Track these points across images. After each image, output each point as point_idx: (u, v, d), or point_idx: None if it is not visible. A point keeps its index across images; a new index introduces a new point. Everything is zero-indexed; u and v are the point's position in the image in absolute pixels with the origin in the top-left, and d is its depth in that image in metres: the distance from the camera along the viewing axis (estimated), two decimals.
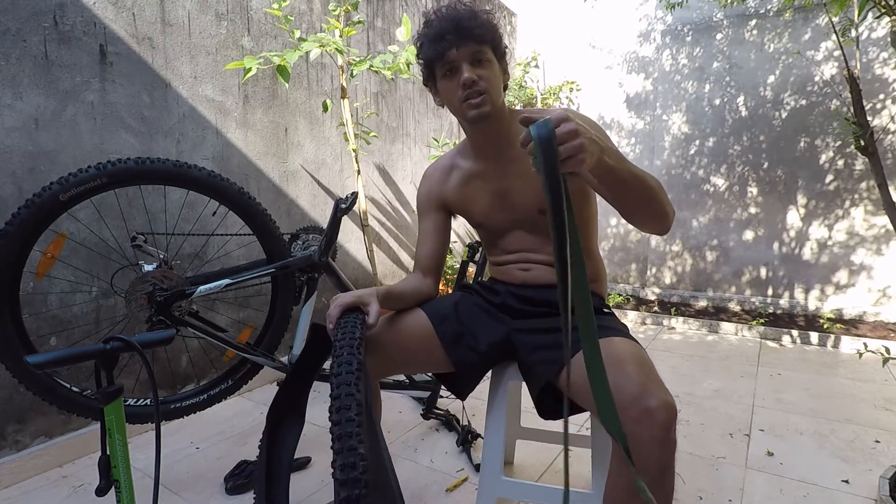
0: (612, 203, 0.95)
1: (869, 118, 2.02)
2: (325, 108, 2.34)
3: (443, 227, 1.26)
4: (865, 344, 1.67)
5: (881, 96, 3.11)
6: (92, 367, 0.82)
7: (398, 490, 0.74)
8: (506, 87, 1.13)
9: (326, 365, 1.83)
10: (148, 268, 1.45)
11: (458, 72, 1.05)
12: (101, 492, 0.82)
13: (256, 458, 1.11)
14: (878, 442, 1.81)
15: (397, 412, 2.05)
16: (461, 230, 3.85)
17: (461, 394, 1.17)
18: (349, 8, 2.25)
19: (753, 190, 3.56)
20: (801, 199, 3.41)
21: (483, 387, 1.23)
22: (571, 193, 1.12)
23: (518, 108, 1.20)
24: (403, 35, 2.23)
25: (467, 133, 1.17)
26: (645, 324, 3.47)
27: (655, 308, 3.74)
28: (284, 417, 1.12)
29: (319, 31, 2.51)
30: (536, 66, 4.20)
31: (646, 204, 0.91)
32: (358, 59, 2.20)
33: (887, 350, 1.50)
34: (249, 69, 1.90)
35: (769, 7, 3.40)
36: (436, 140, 3.20)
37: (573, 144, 0.68)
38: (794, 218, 3.44)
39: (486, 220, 1.21)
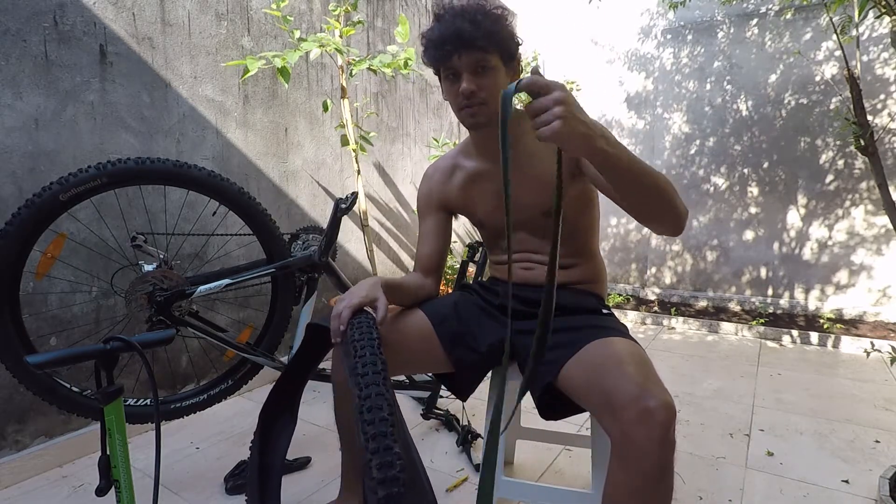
0: (621, 203, 0.92)
1: (869, 118, 2.02)
2: (325, 108, 2.34)
3: (443, 227, 1.26)
4: (872, 343, 1.66)
5: (881, 96, 3.11)
6: (92, 367, 0.82)
7: (429, 485, 0.74)
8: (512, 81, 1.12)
9: (326, 365, 1.83)
10: (148, 268, 1.45)
11: (459, 78, 1.04)
12: (101, 492, 0.82)
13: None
14: (878, 442, 1.81)
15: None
16: (461, 230, 3.85)
17: (461, 394, 1.17)
18: (349, 8, 2.25)
19: (754, 190, 3.56)
20: (802, 199, 3.41)
21: (483, 387, 1.23)
22: (575, 198, 1.12)
23: (519, 107, 1.19)
24: (402, 36, 2.22)
25: (471, 133, 1.17)
26: (645, 324, 3.47)
27: (655, 308, 3.74)
28: (277, 418, 1.12)
29: (319, 31, 2.51)
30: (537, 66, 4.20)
31: (655, 200, 0.87)
32: (358, 59, 2.20)
33: (894, 349, 1.50)
34: (248, 69, 1.89)
35: (769, 7, 3.40)
36: (436, 140, 3.20)
37: (553, 112, 0.70)
38: (794, 218, 3.44)
39: (489, 219, 1.21)
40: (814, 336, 2.96)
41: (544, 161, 1.11)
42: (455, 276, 3.05)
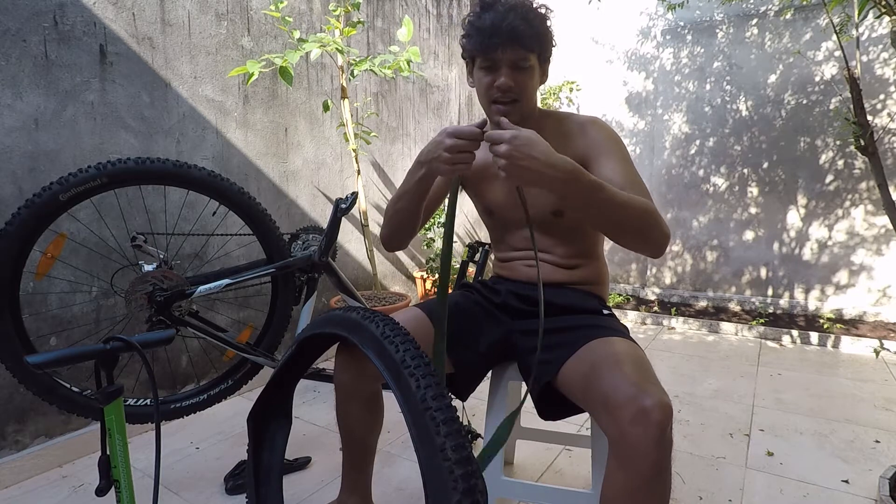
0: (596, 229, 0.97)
1: (869, 118, 2.01)
2: (326, 108, 2.34)
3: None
4: (881, 342, 1.66)
5: (881, 96, 3.11)
6: (92, 367, 0.82)
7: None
8: (541, 83, 1.13)
9: (327, 365, 1.83)
10: (148, 268, 1.45)
11: (496, 71, 1.04)
12: (101, 492, 0.82)
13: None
14: (878, 442, 1.81)
15: (397, 412, 2.04)
16: (461, 230, 3.85)
17: (461, 394, 1.17)
18: (349, 8, 2.25)
19: (753, 190, 3.56)
20: (801, 199, 3.41)
21: (483, 387, 1.23)
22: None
23: (540, 106, 1.19)
24: (405, 36, 2.23)
25: (492, 125, 1.17)
26: (645, 324, 3.47)
27: (655, 308, 3.74)
28: (271, 420, 1.12)
29: (319, 31, 2.51)
30: None
31: (630, 236, 0.96)
32: (358, 60, 2.20)
33: None
34: (252, 74, 1.89)
35: (769, 7, 3.40)
36: None
37: (499, 152, 0.87)
38: (794, 218, 3.44)
39: (499, 211, 1.21)
40: (814, 336, 2.96)
41: None
42: (455, 276, 3.04)
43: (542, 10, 1.06)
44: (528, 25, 1.00)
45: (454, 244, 3.74)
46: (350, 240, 2.83)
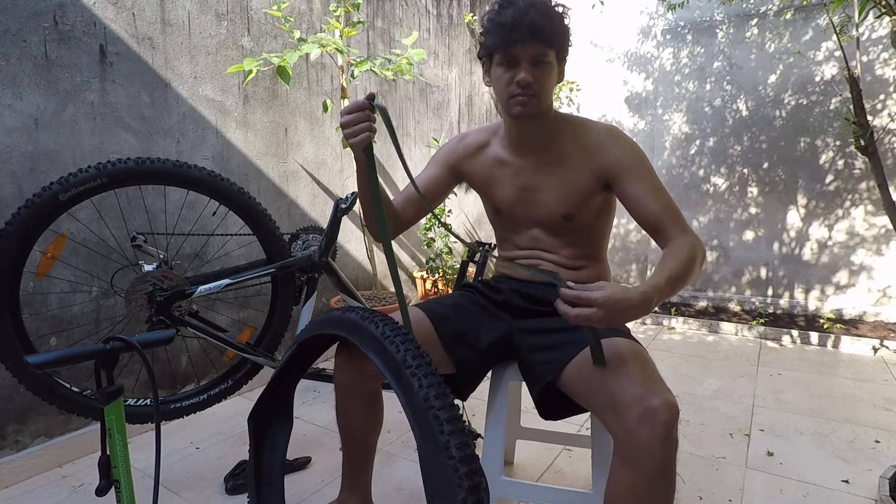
0: None
1: (869, 118, 2.01)
2: (326, 108, 2.34)
3: (443, 183, 1.25)
4: (882, 341, 1.67)
5: (881, 96, 3.11)
6: (92, 367, 0.82)
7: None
8: (558, 82, 1.13)
9: (326, 365, 1.83)
10: (148, 268, 1.45)
11: (515, 67, 1.03)
12: (101, 492, 0.82)
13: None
14: (878, 442, 1.81)
15: (397, 412, 2.05)
16: (461, 230, 3.85)
17: (461, 394, 1.17)
18: (349, 8, 2.25)
19: (753, 190, 3.56)
20: (801, 199, 3.41)
21: (483, 387, 1.23)
22: (596, 206, 1.14)
23: (556, 105, 1.19)
24: (410, 41, 2.24)
25: (506, 123, 1.17)
26: (645, 324, 3.47)
27: (655, 308, 3.74)
28: (272, 420, 1.12)
29: (319, 31, 2.51)
30: None
31: (690, 281, 1.05)
32: (358, 60, 2.20)
33: None
34: (250, 72, 1.89)
35: (769, 7, 3.40)
36: (436, 140, 3.20)
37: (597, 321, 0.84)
38: (794, 218, 3.44)
39: (507, 209, 1.21)
40: (814, 336, 2.96)
41: (573, 167, 1.12)
42: (455, 276, 3.05)
43: (560, 8, 1.06)
44: (548, 21, 1.01)
45: (454, 244, 3.74)
46: (350, 240, 2.84)
